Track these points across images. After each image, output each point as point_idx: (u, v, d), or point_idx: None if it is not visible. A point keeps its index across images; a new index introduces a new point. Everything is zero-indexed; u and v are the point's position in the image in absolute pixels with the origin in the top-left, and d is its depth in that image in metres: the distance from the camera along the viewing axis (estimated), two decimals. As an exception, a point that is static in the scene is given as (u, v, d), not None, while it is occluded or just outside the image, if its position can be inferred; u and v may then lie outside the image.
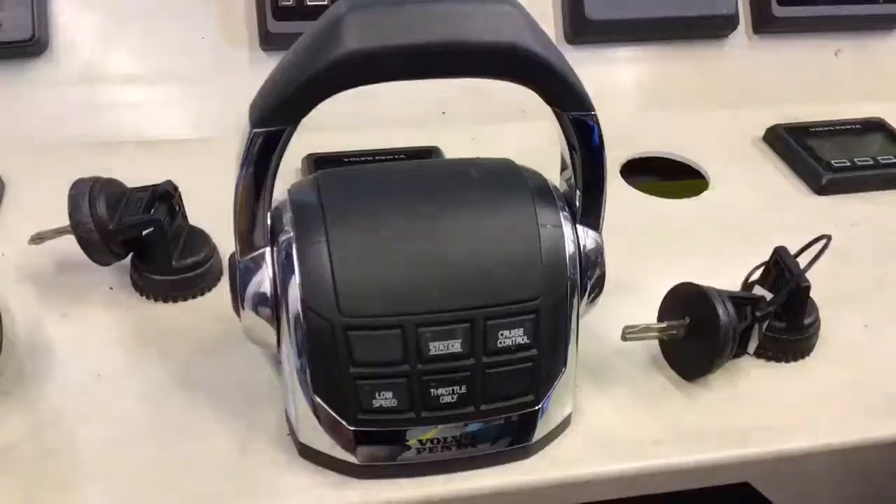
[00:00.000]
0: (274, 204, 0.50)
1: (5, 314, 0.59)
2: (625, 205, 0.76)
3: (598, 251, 0.52)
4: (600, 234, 0.53)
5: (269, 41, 0.83)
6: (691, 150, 0.84)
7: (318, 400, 0.50)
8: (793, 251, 0.61)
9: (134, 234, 0.62)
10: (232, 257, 0.51)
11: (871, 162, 0.81)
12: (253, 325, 0.50)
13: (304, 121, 0.46)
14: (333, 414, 0.50)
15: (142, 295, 0.64)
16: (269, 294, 0.49)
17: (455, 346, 0.48)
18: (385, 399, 0.49)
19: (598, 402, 0.57)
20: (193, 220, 0.67)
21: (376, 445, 0.51)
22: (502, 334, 0.49)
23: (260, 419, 0.55)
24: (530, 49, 0.45)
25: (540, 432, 0.53)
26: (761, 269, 0.62)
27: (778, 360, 0.61)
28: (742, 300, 0.58)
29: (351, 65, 0.44)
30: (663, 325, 0.59)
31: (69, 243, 0.62)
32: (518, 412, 0.51)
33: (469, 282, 0.49)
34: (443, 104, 0.85)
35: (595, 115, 0.49)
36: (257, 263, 0.49)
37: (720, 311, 0.56)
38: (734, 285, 0.63)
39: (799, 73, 0.94)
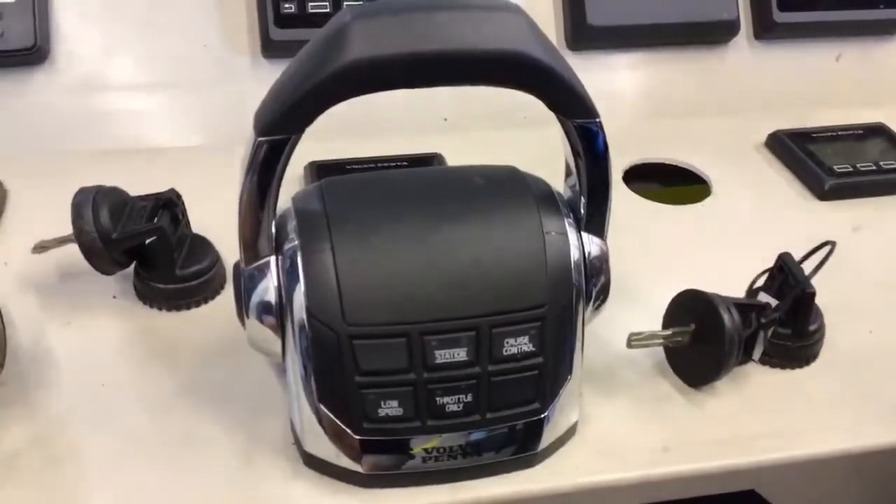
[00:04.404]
0: (278, 212, 0.50)
1: (8, 324, 0.59)
2: (627, 211, 0.75)
3: (603, 258, 0.52)
4: (605, 240, 0.53)
5: (270, 48, 0.83)
6: (693, 156, 0.84)
7: (324, 409, 0.49)
8: (797, 257, 0.61)
9: (137, 243, 0.62)
10: (236, 266, 0.51)
11: (874, 167, 0.81)
12: (257, 333, 0.50)
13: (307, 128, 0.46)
14: (339, 423, 0.49)
15: (145, 303, 0.64)
16: (273, 303, 0.49)
17: (461, 354, 0.48)
18: (391, 408, 0.49)
19: (604, 409, 0.57)
20: (197, 228, 0.67)
21: (382, 454, 0.50)
22: (508, 342, 0.49)
23: (264, 428, 0.55)
24: (535, 57, 0.45)
25: (546, 440, 0.53)
26: (766, 276, 0.62)
27: (783, 366, 0.60)
28: (747, 307, 0.58)
29: (356, 73, 0.44)
30: (668, 332, 0.58)
31: (72, 252, 0.62)
32: (524, 420, 0.51)
33: (474, 290, 0.49)
34: (445, 110, 0.85)
35: (600, 121, 0.49)
36: (262, 272, 0.49)
37: (725, 317, 0.56)
38: (739, 292, 0.62)
39: (800, 79, 0.94)
